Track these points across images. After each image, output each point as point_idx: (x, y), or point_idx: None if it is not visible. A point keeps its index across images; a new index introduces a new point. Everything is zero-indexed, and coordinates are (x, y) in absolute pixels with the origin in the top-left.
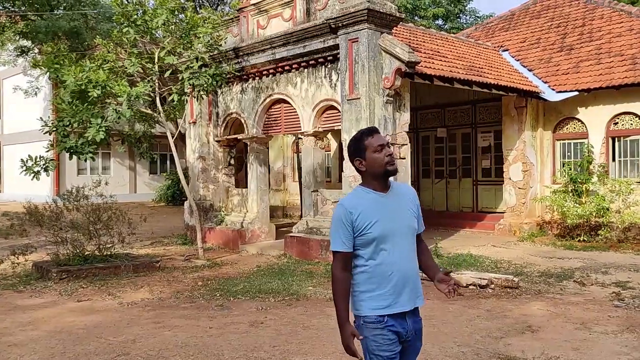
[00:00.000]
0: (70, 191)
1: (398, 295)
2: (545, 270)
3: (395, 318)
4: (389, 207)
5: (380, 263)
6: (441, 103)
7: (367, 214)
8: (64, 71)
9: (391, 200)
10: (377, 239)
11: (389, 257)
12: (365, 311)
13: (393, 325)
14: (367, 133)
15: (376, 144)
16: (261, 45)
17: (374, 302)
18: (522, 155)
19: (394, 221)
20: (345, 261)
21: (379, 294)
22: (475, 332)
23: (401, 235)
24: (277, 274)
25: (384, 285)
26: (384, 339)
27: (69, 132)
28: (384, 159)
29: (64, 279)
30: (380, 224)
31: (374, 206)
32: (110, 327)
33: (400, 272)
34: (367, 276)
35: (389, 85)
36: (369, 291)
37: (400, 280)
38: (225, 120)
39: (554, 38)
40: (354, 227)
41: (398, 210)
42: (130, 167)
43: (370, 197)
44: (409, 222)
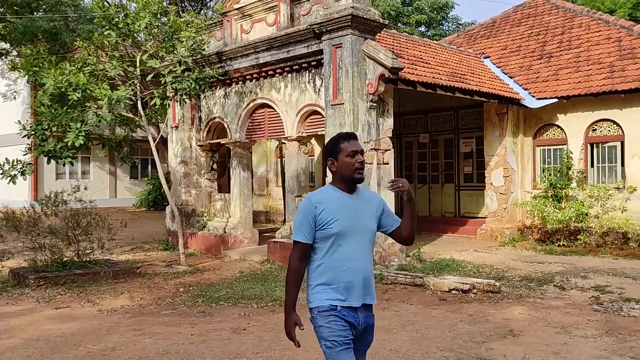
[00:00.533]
0: (48, 196)
1: (350, 290)
2: (526, 274)
3: (347, 310)
4: (353, 207)
5: (336, 258)
6: (424, 109)
7: (330, 211)
8: (44, 74)
9: (356, 202)
10: (337, 235)
11: (345, 254)
12: (319, 302)
13: (345, 315)
14: (345, 137)
15: (350, 149)
16: (245, 50)
17: (328, 295)
18: (503, 160)
19: (355, 221)
20: (304, 252)
21: (332, 288)
22: (457, 337)
23: (359, 235)
24: (260, 280)
25: (337, 280)
26: (337, 325)
27: (47, 136)
28: (354, 165)
29: (42, 285)
30: (341, 221)
31: (338, 204)
32: (89, 334)
33: (354, 269)
34: (323, 269)
35: (372, 90)
36: (323, 284)
37: (353, 277)
38: (208, 125)
39: (534, 46)
40: (317, 221)
41: (360, 212)
42: (110, 171)
43: (337, 195)
44: (369, 224)
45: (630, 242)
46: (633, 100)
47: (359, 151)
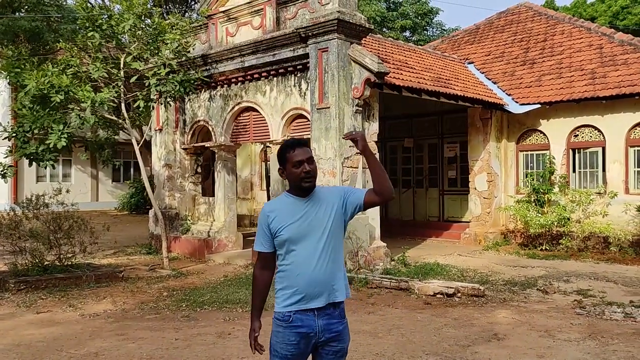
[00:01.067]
0: (29, 199)
1: (303, 294)
2: (510, 278)
3: (303, 316)
4: (306, 211)
5: (290, 263)
6: (408, 114)
7: (281, 218)
8: (25, 75)
9: (309, 205)
10: (288, 240)
11: (298, 258)
12: (277, 307)
13: (300, 326)
14: (290, 146)
15: (294, 160)
16: (230, 53)
17: (284, 300)
18: (487, 165)
19: (308, 224)
20: (264, 260)
21: (288, 293)
22: (443, 341)
23: (313, 238)
24: (245, 284)
25: (291, 285)
26: (283, 337)
27: (29, 138)
28: (300, 175)
29: (22, 289)
30: (291, 227)
31: (289, 210)
32: (71, 339)
33: (308, 273)
34: (281, 275)
35: (358, 95)
36: (282, 289)
37: (307, 281)
38: (192, 128)
39: (517, 52)
40: (270, 229)
41: (314, 215)
42: (92, 174)
43: (290, 201)
44: (328, 224)
45: (611, 247)
46: (614, 107)
47: (305, 160)
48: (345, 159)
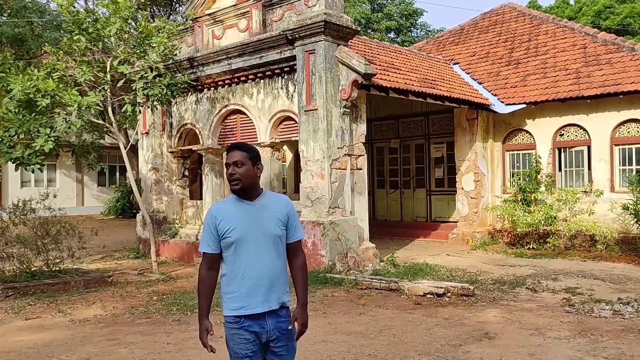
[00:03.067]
0: (16, 204)
1: (252, 297)
2: (499, 277)
3: (252, 319)
4: (252, 214)
5: (237, 266)
6: (395, 114)
7: (228, 220)
8: (11, 80)
9: (256, 209)
10: (235, 242)
11: (244, 261)
12: (225, 311)
13: (250, 325)
14: (228, 149)
15: (227, 162)
16: (217, 56)
17: (232, 303)
18: (474, 165)
19: (254, 227)
20: (210, 261)
21: (235, 296)
22: (434, 341)
23: (260, 241)
24: None
25: (238, 288)
26: (240, 338)
27: (15, 142)
28: (229, 177)
29: (10, 296)
30: (239, 229)
31: (237, 213)
32: (62, 345)
33: (255, 275)
34: (227, 278)
35: (345, 96)
36: (228, 292)
37: (255, 284)
38: (179, 131)
39: (502, 52)
40: (218, 231)
41: (261, 218)
42: (77, 179)
43: (237, 204)
44: (272, 230)
45: (598, 245)
46: (599, 106)
47: (233, 162)
48: (333, 161)
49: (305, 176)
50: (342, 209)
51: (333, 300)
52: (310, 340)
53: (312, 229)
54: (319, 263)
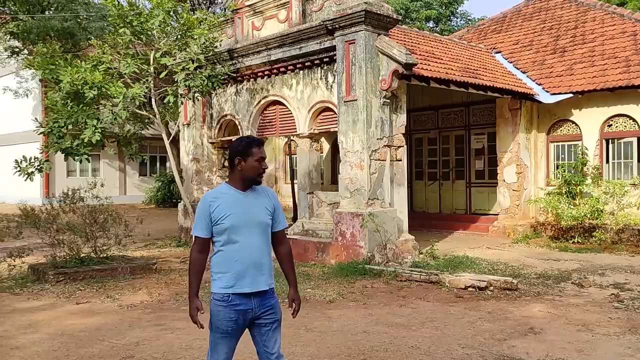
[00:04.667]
0: (66, 193)
1: (241, 278)
2: (543, 272)
3: (240, 297)
4: (245, 203)
5: (229, 250)
6: (434, 105)
7: (223, 207)
8: (60, 72)
9: (248, 199)
10: (229, 229)
11: (237, 246)
12: (214, 289)
13: (238, 305)
14: (257, 143)
15: (259, 155)
16: (256, 47)
17: (222, 283)
18: (516, 157)
19: (247, 216)
20: (202, 245)
21: (226, 276)
22: (478, 334)
23: (251, 229)
24: (275, 276)
25: (229, 269)
26: (224, 315)
27: (64, 133)
28: (259, 170)
29: (61, 281)
30: (233, 217)
31: (231, 201)
32: (112, 329)
33: (245, 259)
34: (219, 260)
35: (386, 87)
36: (219, 272)
37: (244, 266)
38: (219, 122)
39: (546, 40)
40: (212, 217)
41: (252, 208)
42: (120, 168)
43: (231, 193)
44: (262, 218)
45: None
46: None
47: (263, 158)
48: (373, 152)
49: (344, 167)
50: (381, 201)
51: (373, 291)
52: (352, 331)
53: (350, 220)
54: (358, 254)
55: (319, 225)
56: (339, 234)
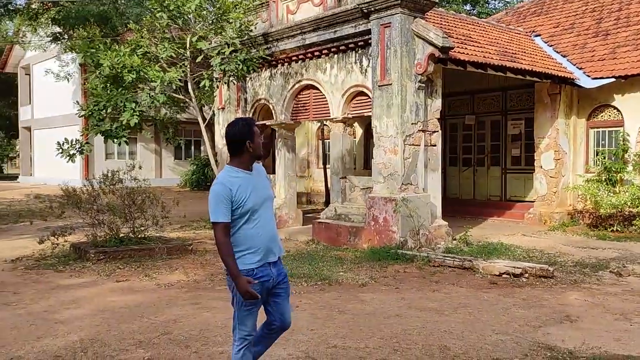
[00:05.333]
0: (105, 175)
1: (266, 251)
2: (580, 260)
3: (263, 269)
4: (255, 183)
5: (253, 227)
6: (470, 90)
7: (242, 190)
8: (100, 55)
9: (255, 178)
10: (251, 209)
11: (259, 222)
12: (242, 266)
13: (262, 276)
14: (253, 123)
15: (258, 132)
16: (291, 31)
17: (249, 259)
18: (554, 143)
19: (259, 193)
20: (226, 229)
21: (251, 252)
22: (512, 321)
23: (265, 205)
24: (307, 259)
25: (256, 244)
26: (251, 287)
27: (104, 116)
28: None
29: (101, 259)
30: (252, 197)
31: (246, 183)
32: (150, 307)
33: (267, 233)
34: (242, 239)
35: (421, 71)
36: (244, 250)
37: (268, 240)
38: (253, 106)
39: (588, 23)
40: (233, 201)
41: (261, 186)
42: (155, 151)
43: (242, 175)
44: (269, 193)
45: None
46: None
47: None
48: (407, 137)
49: (378, 152)
50: (415, 186)
51: (405, 276)
52: (385, 315)
53: (384, 205)
54: (390, 239)
55: (352, 209)
56: (372, 219)
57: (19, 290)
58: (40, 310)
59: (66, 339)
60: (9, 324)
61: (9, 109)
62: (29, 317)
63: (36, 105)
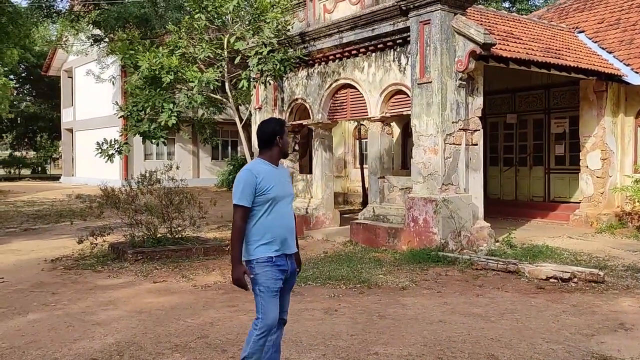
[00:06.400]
0: (144, 175)
1: (284, 242)
2: (631, 264)
3: (282, 258)
4: (279, 177)
5: (273, 217)
6: (511, 88)
7: (267, 180)
8: (139, 57)
9: (279, 173)
10: (273, 199)
11: (279, 214)
12: (260, 254)
13: (281, 265)
14: (282, 122)
15: (287, 131)
16: (328, 30)
17: (269, 247)
18: (601, 142)
19: (282, 188)
20: (245, 214)
21: (271, 241)
22: (563, 329)
23: (286, 199)
24: (345, 261)
25: (275, 234)
26: (272, 274)
27: (142, 117)
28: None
29: (139, 260)
30: (275, 188)
31: (271, 175)
32: (187, 309)
33: (285, 225)
34: (262, 228)
35: (462, 68)
36: (263, 239)
37: (285, 231)
38: (290, 106)
39: (635, 18)
40: (257, 188)
41: (284, 181)
42: (193, 152)
43: (268, 167)
44: (291, 190)
45: None
46: None
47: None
48: (447, 136)
49: (417, 151)
50: (456, 186)
51: (447, 279)
52: (427, 320)
53: (423, 205)
54: (431, 241)
55: (390, 210)
56: (411, 220)
57: (57, 291)
58: (78, 311)
59: (103, 341)
60: (46, 325)
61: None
62: (66, 318)
63: (78, 107)
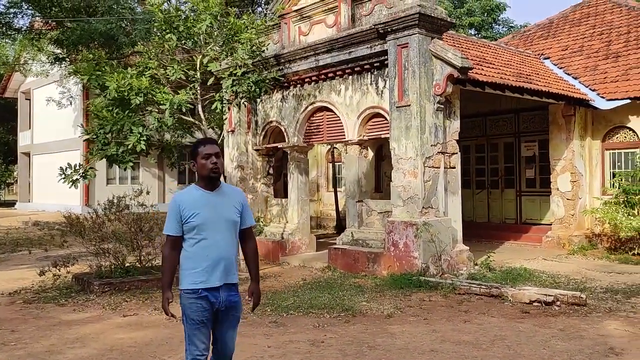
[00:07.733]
0: (111, 200)
1: (211, 273)
2: (609, 286)
3: (209, 290)
4: (212, 202)
5: (200, 246)
6: (482, 112)
7: (191, 207)
8: (107, 78)
9: (215, 198)
10: (198, 227)
11: (206, 243)
12: (185, 285)
13: (207, 296)
14: (202, 142)
15: (204, 153)
16: (304, 52)
17: (193, 278)
18: (570, 165)
19: (215, 214)
20: (173, 243)
21: (196, 271)
22: (555, 355)
23: (219, 226)
24: (326, 288)
25: (200, 264)
26: (197, 307)
27: (109, 140)
28: (209, 166)
29: (106, 292)
30: (201, 215)
31: (198, 201)
32: (163, 345)
33: (215, 255)
34: (189, 256)
35: (440, 91)
36: (189, 269)
37: (214, 261)
38: (264, 129)
39: (597, 45)
40: (182, 217)
41: (220, 206)
42: (158, 176)
43: (198, 193)
44: (230, 216)
45: None
46: None
47: (213, 154)
48: (426, 159)
49: (396, 175)
50: (436, 209)
51: (432, 305)
52: (418, 350)
53: (404, 229)
54: (412, 265)
55: (369, 234)
56: (391, 244)
57: (17, 328)
58: (41, 350)
59: None
60: None
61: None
62: (29, 359)
63: (36, 130)
